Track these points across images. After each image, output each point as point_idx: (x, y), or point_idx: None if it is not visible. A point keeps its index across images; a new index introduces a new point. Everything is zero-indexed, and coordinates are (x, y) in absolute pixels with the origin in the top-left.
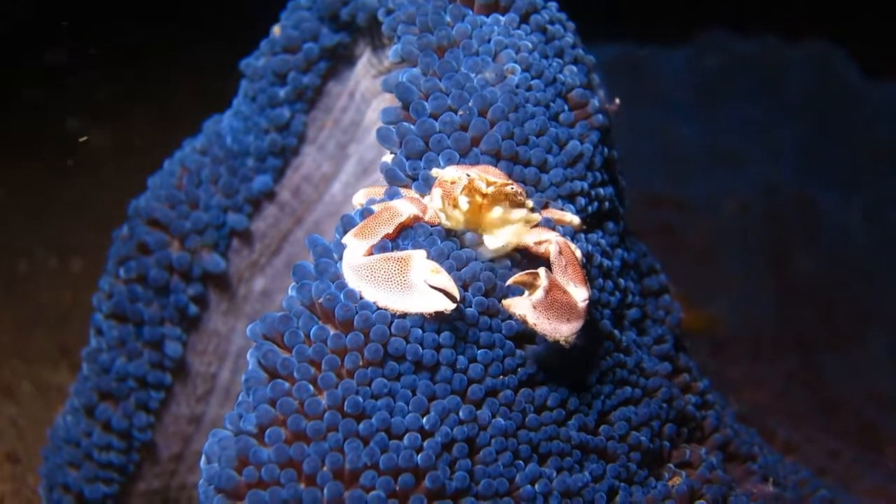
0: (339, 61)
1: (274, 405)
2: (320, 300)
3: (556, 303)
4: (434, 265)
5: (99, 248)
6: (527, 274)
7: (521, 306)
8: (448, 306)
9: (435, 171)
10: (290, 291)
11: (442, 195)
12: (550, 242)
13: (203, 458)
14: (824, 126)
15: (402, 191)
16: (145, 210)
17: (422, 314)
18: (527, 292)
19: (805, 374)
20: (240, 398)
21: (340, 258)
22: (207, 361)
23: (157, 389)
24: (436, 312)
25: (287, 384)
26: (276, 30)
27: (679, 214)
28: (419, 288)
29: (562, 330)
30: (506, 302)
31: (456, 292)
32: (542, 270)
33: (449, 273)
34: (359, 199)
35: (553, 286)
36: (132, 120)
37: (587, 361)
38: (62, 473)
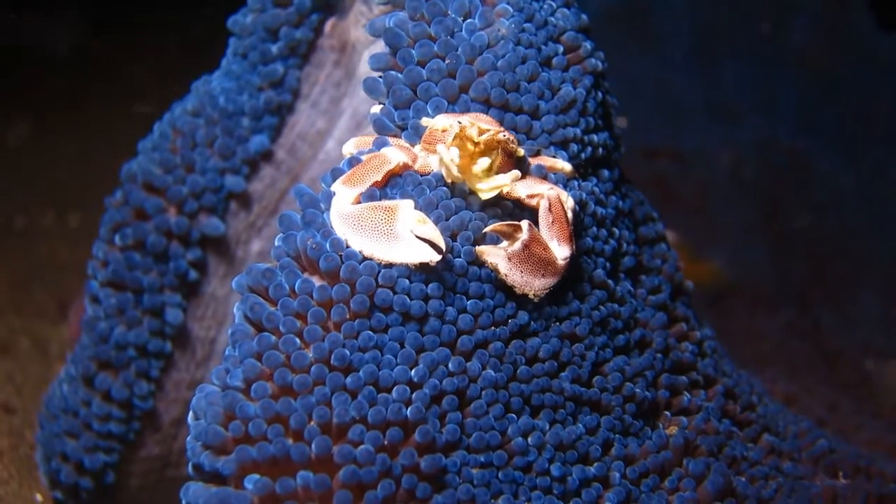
0: (329, 12)
1: (260, 359)
2: (306, 250)
3: (533, 256)
4: (420, 215)
5: (96, 204)
6: (508, 224)
7: (495, 255)
8: (433, 257)
9: (425, 121)
10: (276, 242)
11: (429, 144)
12: (542, 197)
13: (190, 413)
14: (827, 82)
15: (392, 140)
16: (141, 175)
17: (407, 265)
18: (505, 242)
19: (803, 326)
20: (226, 352)
21: (328, 209)
22: (207, 326)
23: (157, 357)
24: (421, 263)
25: (273, 338)
26: None
27: (674, 167)
28: (405, 238)
29: (534, 284)
30: (479, 249)
31: (442, 243)
32: (525, 223)
33: (437, 223)
34: (348, 148)
35: (533, 240)
36: (129, 77)
37: (580, 312)
38: (60, 443)
